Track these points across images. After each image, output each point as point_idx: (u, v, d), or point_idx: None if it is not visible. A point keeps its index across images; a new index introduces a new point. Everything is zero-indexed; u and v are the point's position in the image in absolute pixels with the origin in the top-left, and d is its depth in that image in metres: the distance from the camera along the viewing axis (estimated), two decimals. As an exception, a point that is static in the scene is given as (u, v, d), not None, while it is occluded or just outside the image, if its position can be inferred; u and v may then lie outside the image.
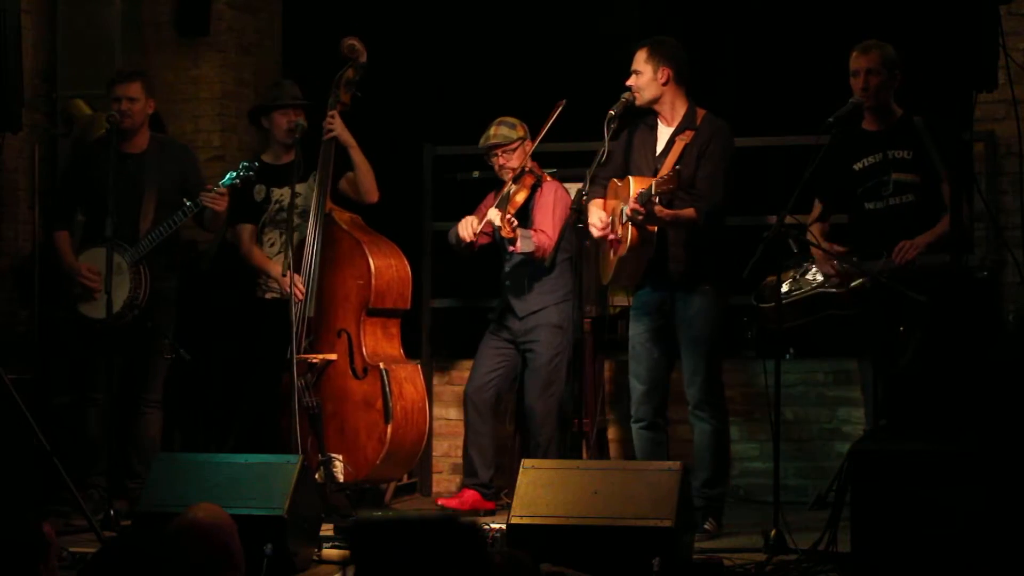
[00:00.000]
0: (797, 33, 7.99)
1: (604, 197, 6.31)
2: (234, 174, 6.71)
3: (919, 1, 7.04)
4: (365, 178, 6.87)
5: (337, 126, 6.82)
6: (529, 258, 6.69)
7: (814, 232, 6.10)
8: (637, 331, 6.28)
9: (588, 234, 6.29)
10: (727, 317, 6.32)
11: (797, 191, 5.86)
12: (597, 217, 6.19)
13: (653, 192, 5.90)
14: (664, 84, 6.17)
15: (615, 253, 6.22)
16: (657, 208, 5.92)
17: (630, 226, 6.04)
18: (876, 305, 5.98)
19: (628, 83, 6.21)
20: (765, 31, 8.11)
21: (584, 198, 6.17)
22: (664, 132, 6.25)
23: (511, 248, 6.65)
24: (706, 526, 6.14)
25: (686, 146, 6.13)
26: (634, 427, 6.32)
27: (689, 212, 6.05)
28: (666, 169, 6.02)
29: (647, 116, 6.32)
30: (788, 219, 5.82)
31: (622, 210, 6.10)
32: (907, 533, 4.52)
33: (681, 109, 6.21)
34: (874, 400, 6.00)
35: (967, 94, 5.12)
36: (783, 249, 5.88)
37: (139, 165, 6.71)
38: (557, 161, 7.24)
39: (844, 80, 6.12)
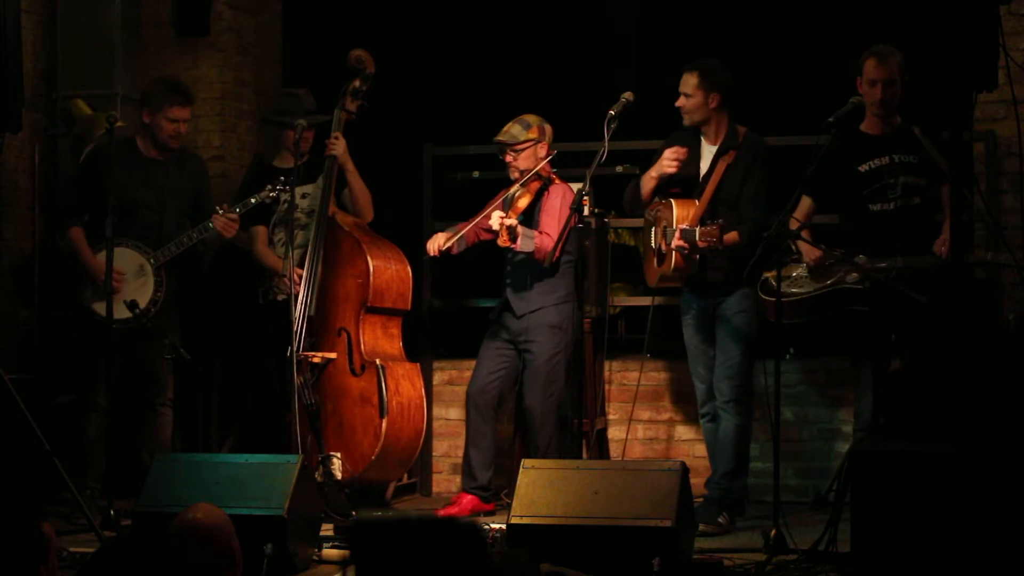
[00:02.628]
0: (797, 33, 7.98)
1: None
2: (253, 201, 6.74)
3: (919, 1, 7.03)
4: (359, 199, 7.01)
5: (339, 147, 6.91)
6: (530, 257, 6.68)
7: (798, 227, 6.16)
8: (689, 335, 6.50)
9: (589, 234, 6.39)
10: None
11: (798, 191, 5.89)
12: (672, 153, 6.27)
13: (697, 239, 6.05)
14: (714, 108, 6.33)
15: (659, 264, 6.37)
16: (701, 242, 6.07)
17: (674, 251, 6.20)
18: (876, 305, 5.99)
19: (677, 104, 6.36)
20: (765, 31, 8.11)
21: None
22: (708, 151, 6.40)
23: (512, 245, 6.64)
24: (719, 519, 6.20)
25: (729, 166, 6.29)
26: (702, 422, 6.54)
27: (733, 236, 6.19)
28: (708, 195, 6.22)
29: (686, 127, 6.42)
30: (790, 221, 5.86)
31: (667, 230, 6.24)
32: (907, 533, 4.52)
33: (723, 129, 6.38)
34: (874, 400, 6.01)
35: (967, 94, 5.12)
36: (783, 248, 5.92)
37: (163, 171, 6.73)
38: (557, 161, 7.22)
39: (844, 80, 6.13)
